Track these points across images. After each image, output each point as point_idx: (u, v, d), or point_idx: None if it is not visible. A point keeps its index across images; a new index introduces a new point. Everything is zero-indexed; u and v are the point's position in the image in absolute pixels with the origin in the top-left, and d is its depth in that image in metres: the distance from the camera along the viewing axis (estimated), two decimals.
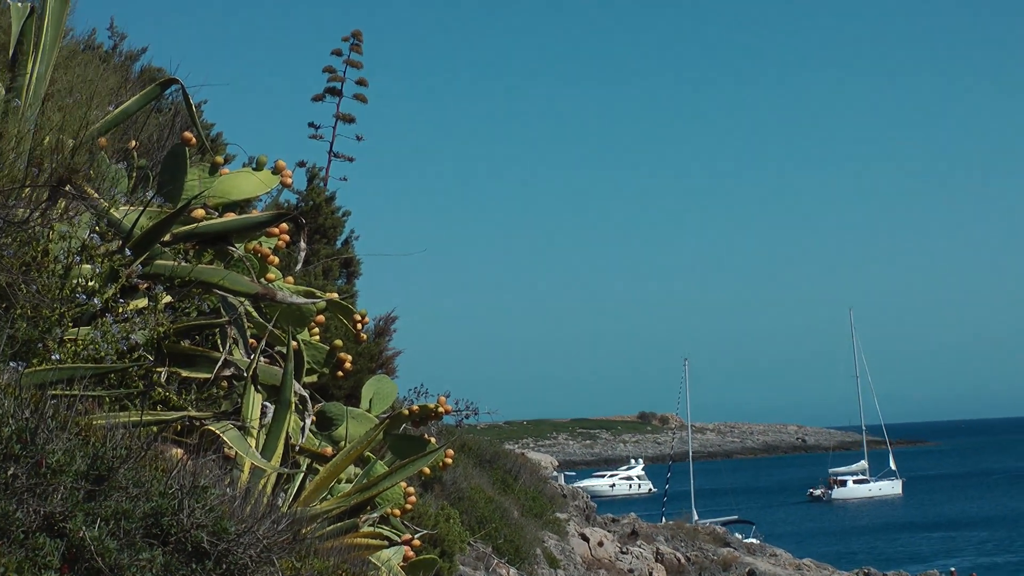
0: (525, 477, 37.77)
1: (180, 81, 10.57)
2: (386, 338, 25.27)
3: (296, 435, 10.32)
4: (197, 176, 10.77)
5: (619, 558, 39.31)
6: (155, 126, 12.71)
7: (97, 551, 6.40)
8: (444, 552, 19.76)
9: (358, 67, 41.46)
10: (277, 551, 7.17)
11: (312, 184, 30.29)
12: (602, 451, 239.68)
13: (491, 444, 38.85)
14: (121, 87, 12.63)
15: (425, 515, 19.40)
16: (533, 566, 29.28)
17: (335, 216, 27.11)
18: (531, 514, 34.09)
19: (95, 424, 7.15)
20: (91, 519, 6.50)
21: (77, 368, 8.22)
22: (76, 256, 9.03)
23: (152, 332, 9.17)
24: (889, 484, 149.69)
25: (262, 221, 10.55)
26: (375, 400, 12.11)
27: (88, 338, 8.70)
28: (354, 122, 41.82)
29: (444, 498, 25.44)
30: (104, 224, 9.72)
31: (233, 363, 9.76)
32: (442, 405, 11.66)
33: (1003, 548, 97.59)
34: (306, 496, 9.98)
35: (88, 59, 12.34)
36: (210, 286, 9.81)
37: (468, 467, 30.31)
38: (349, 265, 27.53)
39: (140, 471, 6.90)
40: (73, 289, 8.85)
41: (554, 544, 34.02)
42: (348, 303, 11.78)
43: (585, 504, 45.22)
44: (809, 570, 48.23)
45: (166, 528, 6.79)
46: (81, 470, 6.63)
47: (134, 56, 21.70)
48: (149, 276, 9.56)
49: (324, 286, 20.21)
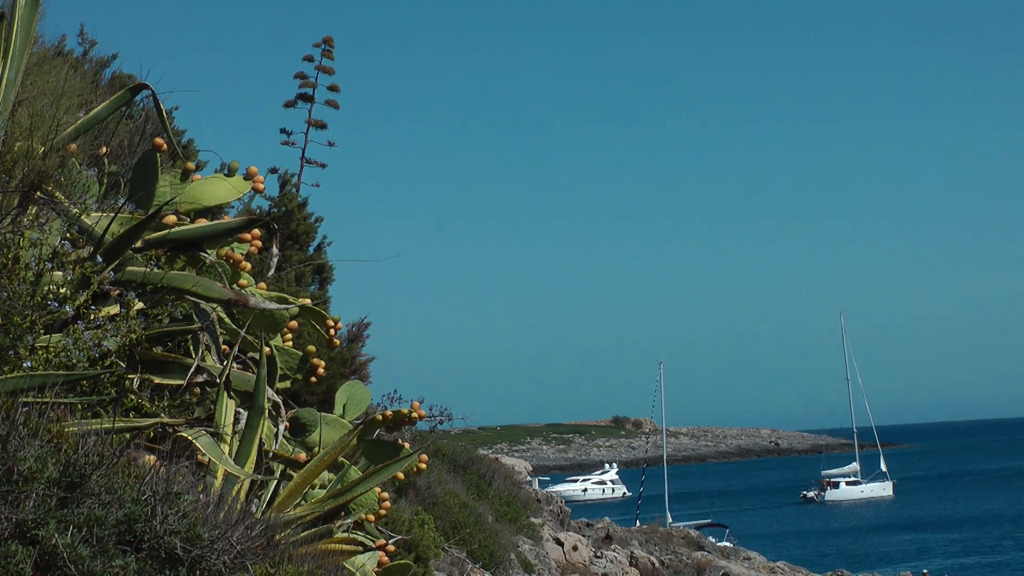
0: (499, 482, 37.73)
1: (150, 87, 10.53)
2: (359, 344, 25.25)
3: (269, 441, 10.30)
4: (168, 182, 10.74)
5: (593, 562, 39.31)
6: (126, 132, 12.66)
7: (70, 558, 6.37)
8: (419, 557, 19.74)
9: (330, 73, 41.45)
10: (251, 557, 7.16)
11: (284, 190, 30.23)
12: (576, 456, 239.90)
13: (465, 449, 38.79)
14: (91, 93, 12.59)
15: (399, 520, 19.37)
16: (507, 571, 29.26)
17: (307, 222, 27.07)
18: (505, 519, 34.06)
19: (67, 431, 7.13)
20: (63, 526, 6.48)
21: (49, 375, 8.19)
22: (47, 263, 9.00)
23: (124, 339, 9.14)
24: (880, 486, 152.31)
25: (234, 227, 10.53)
26: (348, 406, 12.09)
27: (60, 345, 8.67)
28: (326, 128, 41.83)
29: (418, 503, 25.41)
30: (75, 231, 9.68)
31: (206, 369, 9.74)
32: (416, 410, 11.64)
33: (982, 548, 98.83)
34: (280, 502, 9.96)
35: (58, 65, 12.30)
36: (182, 292, 9.78)
37: (442, 472, 30.27)
38: (322, 271, 27.49)
39: (113, 478, 6.88)
40: (44, 296, 8.82)
41: (528, 549, 34.00)
42: (321, 309, 11.77)
43: (559, 509, 45.21)
44: (783, 573, 48.32)
45: (139, 535, 6.76)
46: (53, 477, 6.61)
47: (104, 63, 21.62)
48: (121, 283, 9.53)
49: (297, 292, 20.19)
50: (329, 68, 41.34)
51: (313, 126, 41.66)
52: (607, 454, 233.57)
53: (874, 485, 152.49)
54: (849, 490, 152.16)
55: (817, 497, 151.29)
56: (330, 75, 41.44)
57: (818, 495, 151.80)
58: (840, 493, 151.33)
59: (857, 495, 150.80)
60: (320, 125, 41.65)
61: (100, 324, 9.04)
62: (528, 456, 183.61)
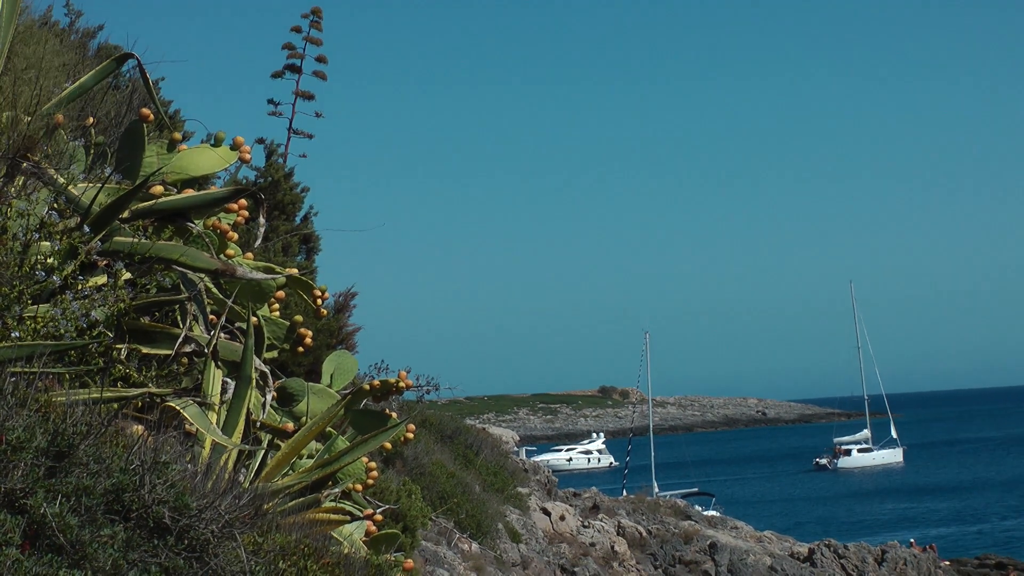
0: (486, 452, 37.81)
1: (136, 56, 10.52)
2: (346, 314, 25.24)
3: (257, 411, 10.32)
4: (155, 152, 10.73)
5: (581, 532, 39.42)
6: (113, 103, 12.64)
7: (58, 527, 6.39)
8: (406, 527, 19.77)
9: (318, 44, 41.27)
10: (239, 526, 7.18)
11: (271, 160, 30.16)
12: (563, 426, 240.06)
13: (452, 419, 38.88)
14: (78, 64, 12.57)
15: (387, 490, 19.41)
16: (495, 541, 29.34)
17: (294, 192, 27.03)
18: (493, 489, 34.14)
19: (55, 401, 7.14)
20: (52, 496, 6.49)
21: (37, 345, 8.20)
22: (34, 233, 9.00)
23: (112, 309, 9.15)
24: (891, 452, 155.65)
25: (221, 197, 10.53)
26: (336, 375, 12.11)
27: (48, 315, 8.67)
28: (313, 99, 41.64)
29: (406, 473, 25.46)
30: (62, 201, 9.68)
31: (193, 339, 9.75)
32: (403, 380, 11.65)
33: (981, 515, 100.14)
34: (268, 472, 9.99)
35: (45, 36, 12.28)
36: (169, 262, 9.79)
37: (429, 442, 30.33)
38: (308, 241, 27.47)
39: (101, 447, 6.89)
40: (32, 266, 8.83)
41: (516, 519, 34.08)
42: (308, 279, 11.77)
43: (546, 479, 45.30)
44: (770, 542, 48.46)
45: (127, 504, 6.78)
46: (41, 447, 6.63)
47: (91, 33, 21.55)
48: (108, 253, 9.53)
49: (284, 262, 20.18)
50: (317, 39, 41.17)
51: (300, 97, 41.49)
52: (594, 424, 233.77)
53: (885, 452, 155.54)
54: (861, 457, 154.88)
55: (830, 464, 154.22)
56: (318, 46, 41.26)
57: (831, 462, 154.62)
58: (852, 460, 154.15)
59: (869, 462, 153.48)
60: (307, 96, 41.50)
61: (88, 294, 9.05)
62: (515, 426, 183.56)
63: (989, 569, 66.22)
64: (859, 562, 46.21)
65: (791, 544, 48.73)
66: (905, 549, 49.53)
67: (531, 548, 33.04)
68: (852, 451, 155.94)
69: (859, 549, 47.34)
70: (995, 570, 65.54)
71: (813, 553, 46.25)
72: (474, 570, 24.46)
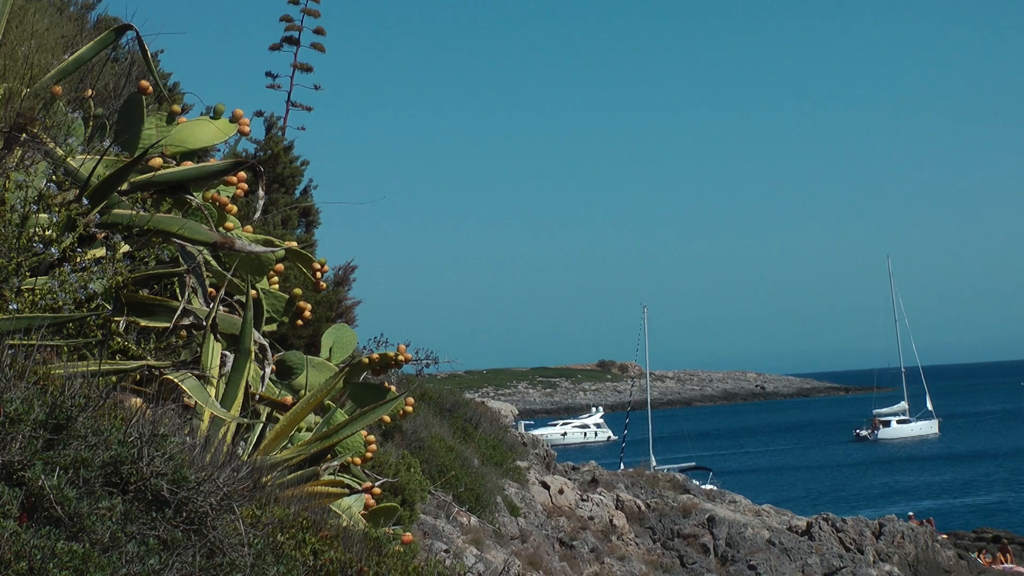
0: (485, 426, 37.81)
1: (135, 28, 10.49)
2: (345, 287, 25.25)
3: (256, 384, 10.31)
4: (154, 125, 10.71)
5: (580, 506, 39.45)
6: (111, 75, 12.61)
7: (56, 500, 6.39)
8: (405, 500, 19.79)
9: (315, 16, 41.24)
10: (237, 499, 7.18)
11: (270, 133, 30.12)
12: (562, 400, 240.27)
13: (451, 393, 38.85)
14: (77, 36, 12.53)
15: (386, 464, 19.42)
16: (494, 514, 29.36)
17: (293, 165, 26.99)
18: (491, 463, 34.15)
19: (53, 373, 7.13)
20: (50, 468, 6.49)
21: (35, 317, 8.19)
22: (33, 205, 8.98)
23: (110, 281, 9.14)
24: (928, 424, 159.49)
25: (220, 170, 10.51)
26: (335, 349, 12.11)
27: (46, 287, 8.66)
28: (312, 71, 41.63)
29: (404, 447, 25.47)
30: (61, 173, 9.66)
31: (192, 312, 9.74)
32: (402, 353, 11.65)
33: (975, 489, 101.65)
34: (266, 445, 9.98)
35: (43, 7, 12.23)
36: (168, 235, 9.77)
37: (428, 416, 30.32)
38: (308, 214, 27.45)
39: (99, 420, 6.89)
40: (30, 238, 8.81)
41: (515, 492, 34.10)
42: (307, 252, 11.76)
43: (545, 452, 45.32)
44: (768, 515, 48.51)
45: (125, 477, 6.78)
46: (40, 419, 6.62)
47: (90, 5, 21.48)
48: (107, 225, 9.51)
49: (283, 235, 20.15)
50: (315, 11, 41.14)
51: (299, 69, 41.47)
52: (593, 398, 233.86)
53: (922, 423, 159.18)
54: (900, 428, 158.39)
55: (870, 435, 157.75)
56: (316, 18, 41.23)
57: (871, 433, 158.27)
58: (892, 431, 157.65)
59: (908, 433, 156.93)
60: (306, 68, 41.47)
61: (86, 267, 9.03)
62: (514, 400, 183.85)
63: (986, 543, 66.29)
64: (857, 535, 46.25)
65: (789, 518, 48.76)
66: (903, 522, 49.59)
67: (530, 522, 33.07)
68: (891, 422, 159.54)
69: (857, 523, 47.37)
70: (991, 543, 65.62)
71: (811, 527, 46.29)
72: (473, 543, 24.47)
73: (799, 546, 44.28)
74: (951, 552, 50.96)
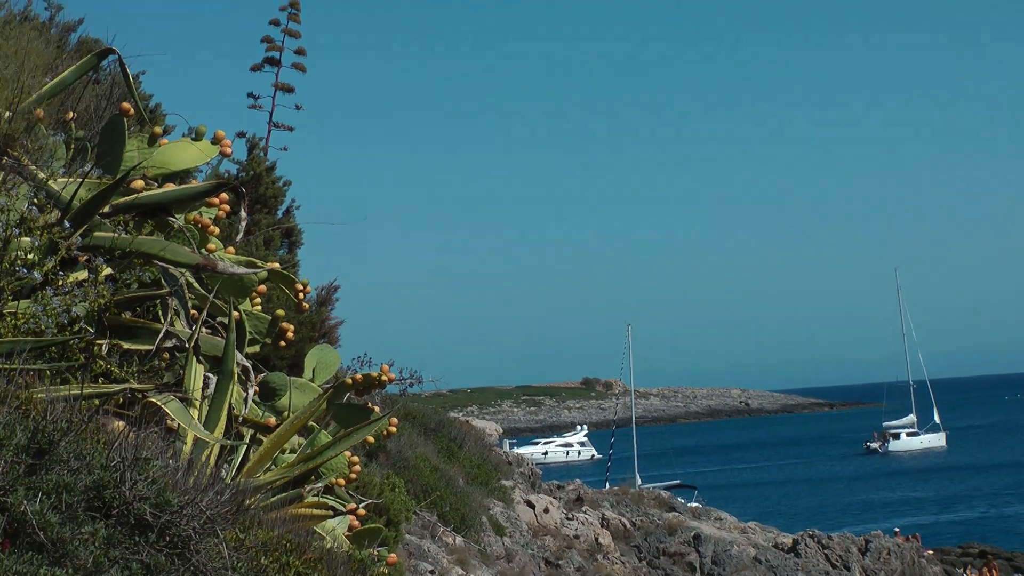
0: (470, 445, 37.76)
1: (117, 51, 10.48)
2: (328, 307, 25.23)
3: (239, 406, 10.29)
4: (136, 147, 10.69)
5: (565, 524, 39.43)
6: (93, 97, 12.59)
7: (39, 525, 6.36)
8: (390, 521, 19.76)
9: (296, 36, 41.21)
10: (221, 522, 7.16)
11: (252, 154, 30.09)
12: (547, 418, 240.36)
13: (435, 412, 38.78)
14: (58, 58, 12.52)
15: (370, 484, 19.40)
16: (479, 534, 29.33)
17: (276, 186, 26.99)
18: (476, 482, 34.12)
19: (35, 397, 7.11)
20: (32, 493, 6.46)
21: (17, 341, 8.17)
22: (14, 228, 8.96)
23: (92, 304, 9.11)
24: (936, 437, 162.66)
25: (202, 191, 10.50)
26: (318, 369, 12.08)
27: (28, 311, 8.64)
28: (293, 92, 41.60)
29: (389, 467, 25.43)
30: (42, 196, 9.64)
31: (175, 334, 9.72)
32: (385, 374, 11.62)
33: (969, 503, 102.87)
34: (250, 467, 9.96)
35: (24, 30, 12.21)
36: (150, 257, 9.75)
37: (413, 436, 30.29)
38: (290, 235, 27.43)
39: (82, 444, 6.86)
40: (12, 262, 8.79)
41: (500, 511, 34.07)
42: (290, 273, 11.75)
43: (530, 471, 45.29)
44: (754, 533, 48.51)
45: (108, 501, 6.75)
46: (22, 444, 6.59)
47: (71, 27, 21.49)
48: (89, 248, 9.49)
49: (265, 256, 20.15)
50: (295, 32, 41.11)
51: (280, 90, 41.44)
52: (577, 416, 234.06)
53: (931, 436, 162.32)
54: (910, 441, 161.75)
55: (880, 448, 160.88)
56: (296, 38, 41.20)
57: (881, 446, 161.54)
58: (902, 444, 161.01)
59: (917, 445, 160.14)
60: (287, 89, 41.44)
61: (68, 290, 9.01)
62: (499, 419, 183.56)
63: (972, 558, 66.41)
64: (843, 552, 46.28)
65: (775, 535, 48.78)
66: (889, 539, 49.64)
67: (515, 541, 33.03)
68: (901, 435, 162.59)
69: (843, 539, 47.41)
70: (977, 559, 65.72)
71: (797, 544, 46.32)
72: (458, 563, 24.44)
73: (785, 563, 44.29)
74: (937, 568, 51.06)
